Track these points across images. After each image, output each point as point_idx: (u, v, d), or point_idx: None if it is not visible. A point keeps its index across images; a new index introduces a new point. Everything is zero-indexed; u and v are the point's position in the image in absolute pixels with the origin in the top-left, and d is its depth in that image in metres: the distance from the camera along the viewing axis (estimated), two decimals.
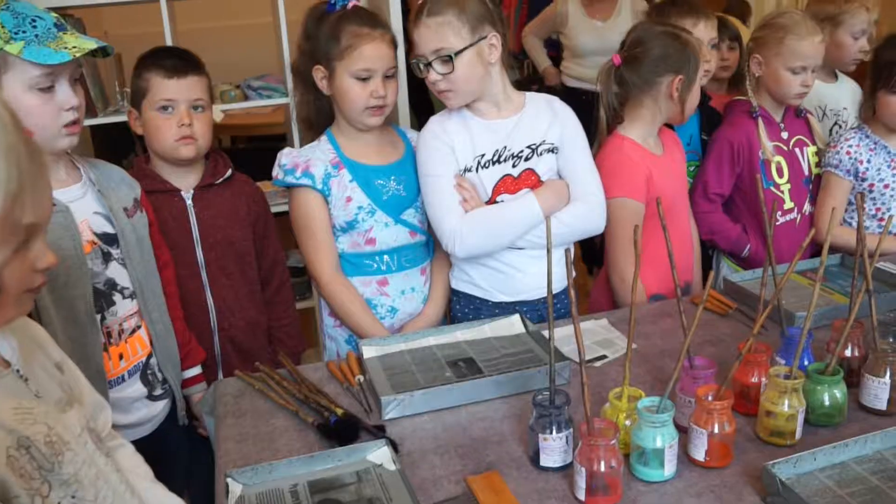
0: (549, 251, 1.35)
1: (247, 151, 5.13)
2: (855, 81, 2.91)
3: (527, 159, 2.04)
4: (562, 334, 1.87)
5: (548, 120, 2.07)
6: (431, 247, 2.20)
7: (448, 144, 2.02)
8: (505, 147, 2.03)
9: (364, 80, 1.97)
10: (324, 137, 2.09)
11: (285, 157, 2.06)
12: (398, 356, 1.81)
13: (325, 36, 1.97)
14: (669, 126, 2.35)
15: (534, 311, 2.09)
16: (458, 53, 1.92)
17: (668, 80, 2.14)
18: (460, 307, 2.20)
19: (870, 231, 2.47)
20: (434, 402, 1.60)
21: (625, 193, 2.15)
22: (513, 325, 1.92)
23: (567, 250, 1.34)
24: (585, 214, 2.04)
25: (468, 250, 2.00)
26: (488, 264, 2.09)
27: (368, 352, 1.81)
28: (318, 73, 2.01)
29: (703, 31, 2.44)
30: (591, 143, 2.17)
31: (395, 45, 2.03)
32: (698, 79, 2.17)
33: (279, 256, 2.27)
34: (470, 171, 2.03)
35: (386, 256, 2.09)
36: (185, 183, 2.07)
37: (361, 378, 1.70)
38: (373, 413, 1.60)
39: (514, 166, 2.03)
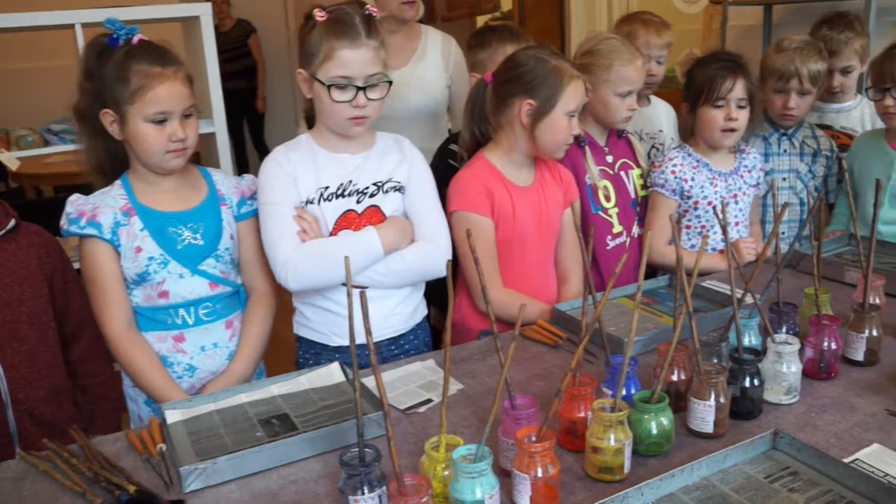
0: (349, 293, 1.24)
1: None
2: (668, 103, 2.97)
3: (371, 196, 1.98)
4: (385, 380, 1.76)
5: (396, 159, 2.04)
6: (242, 298, 2.06)
7: (290, 175, 1.95)
8: (350, 181, 1.97)
9: (160, 122, 1.83)
10: (118, 182, 1.93)
11: (71, 204, 1.88)
12: (206, 418, 1.64)
13: (111, 76, 1.81)
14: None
15: (377, 356, 1.98)
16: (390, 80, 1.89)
17: (519, 104, 2.09)
18: (302, 353, 2.11)
19: (695, 250, 2.48)
20: (241, 468, 1.44)
21: (463, 207, 2.11)
22: (332, 373, 1.79)
23: (362, 292, 1.22)
24: (429, 254, 1.98)
25: (301, 282, 1.91)
26: (324, 306, 2.02)
27: (172, 416, 1.64)
28: (107, 118, 1.84)
29: None
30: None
31: (190, 81, 1.89)
32: (559, 111, 2.07)
33: (88, 309, 2.04)
34: (312, 202, 1.95)
35: (182, 310, 1.94)
36: None
37: (163, 447, 1.53)
38: (174, 486, 1.43)
39: (358, 202, 1.97)
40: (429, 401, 1.67)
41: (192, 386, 1.95)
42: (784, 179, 2.72)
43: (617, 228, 2.45)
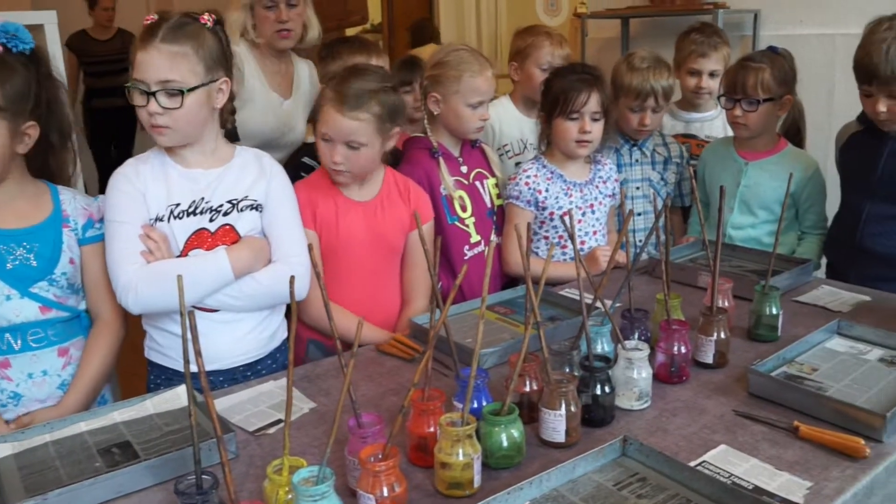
0: (182, 313, 1.17)
1: None
2: None
3: (226, 214, 1.90)
4: (235, 401, 1.71)
5: (254, 175, 1.95)
6: (84, 324, 1.95)
7: (139, 190, 1.85)
8: (203, 199, 1.88)
9: None
10: None
11: None
12: (40, 451, 1.54)
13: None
14: None
15: (232, 382, 1.92)
16: (190, 90, 1.77)
17: None
18: (153, 378, 2.01)
19: (555, 259, 2.50)
20: (75, 502, 1.35)
21: None
22: (179, 397, 1.71)
23: (191, 313, 1.15)
24: (286, 277, 1.89)
25: (143, 304, 1.81)
26: (174, 330, 1.92)
27: (1, 450, 1.53)
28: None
29: None
30: None
31: None
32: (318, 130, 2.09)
33: None
34: (162, 220, 1.85)
35: (7, 335, 1.81)
36: None
37: None
38: None
39: (211, 220, 1.88)
40: (279, 421, 1.62)
41: (17, 415, 1.83)
42: (638, 188, 2.78)
43: (474, 238, 2.45)
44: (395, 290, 2.26)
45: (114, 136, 6.57)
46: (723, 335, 1.79)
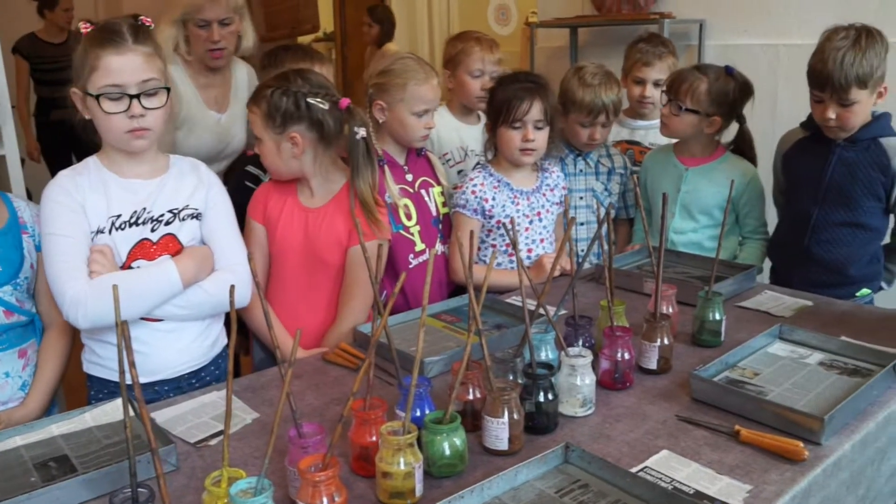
0: (117, 323, 1.16)
1: None
2: None
3: (167, 224, 1.88)
4: (177, 412, 1.69)
5: (192, 184, 1.95)
6: (38, 328, 1.94)
7: (79, 202, 1.82)
8: (144, 209, 1.86)
9: None
10: None
11: None
12: None
13: None
14: None
15: (177, 391, 1.90)
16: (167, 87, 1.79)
17: None
18: (94, 392, 1.97)
19: (503, 267, 2.52)
20: None
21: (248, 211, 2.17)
22: (118, 409, 1.68)
23: (125, 323, 1.14)
24: (231, 285, 1.88)
25: (93, 319, 1.77)
26: (116, 342, 1.86)
27: None
28: None
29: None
30: None
31: None
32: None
33: None
34: (103, 232, 1.83)
35: None
36: None
37: None
38: None
39: (153, 230, 1.87)
40: (221, 432, 1.60)
41: None
42: (581, 198, 2.80)
43: (419, 246, 2.46)
44: (323, 306, 2.18)
45: (74, 148, 5.99)
46: (666, 341, 1.80)
